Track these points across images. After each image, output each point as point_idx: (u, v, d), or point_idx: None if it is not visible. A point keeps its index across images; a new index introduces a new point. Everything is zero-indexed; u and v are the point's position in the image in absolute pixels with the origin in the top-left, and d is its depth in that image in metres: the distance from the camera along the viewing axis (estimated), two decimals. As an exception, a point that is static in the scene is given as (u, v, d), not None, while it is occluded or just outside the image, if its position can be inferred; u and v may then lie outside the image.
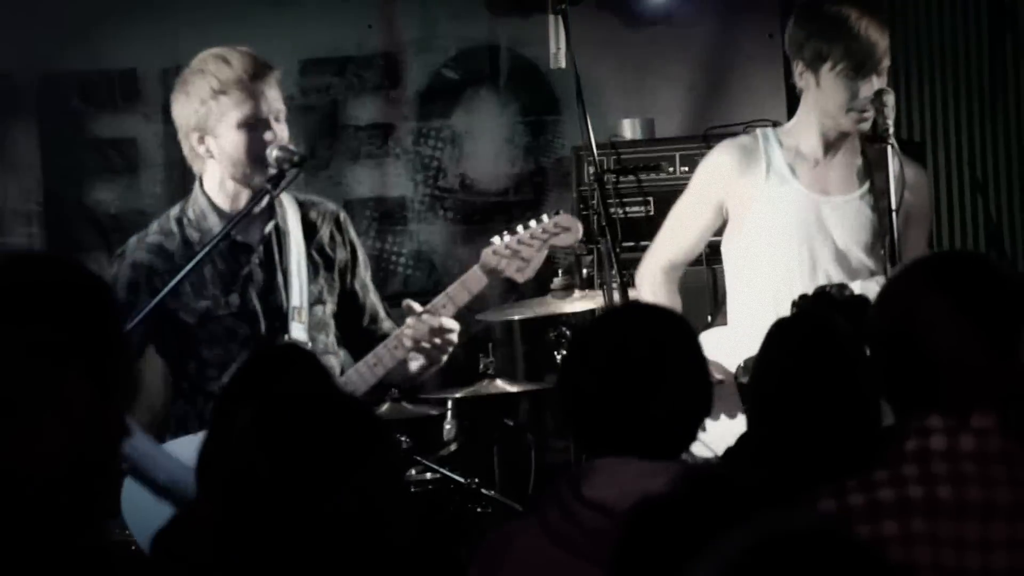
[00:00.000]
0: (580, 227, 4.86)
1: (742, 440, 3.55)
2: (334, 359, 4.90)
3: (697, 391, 3.17)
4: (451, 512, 5.06)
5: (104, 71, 6.85)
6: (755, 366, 3.49)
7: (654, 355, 3.12)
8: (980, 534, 2.88)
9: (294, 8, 6.77)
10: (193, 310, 4.81)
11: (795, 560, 1.73)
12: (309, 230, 4.89)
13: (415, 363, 4.88)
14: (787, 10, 6.51)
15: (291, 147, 4.80)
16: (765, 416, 3.39)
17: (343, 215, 4.99)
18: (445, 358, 4.82)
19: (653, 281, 5.07)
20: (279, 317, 4.82)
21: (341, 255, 4.94)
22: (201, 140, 4.81)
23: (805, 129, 4.95)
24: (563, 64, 5.50)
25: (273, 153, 4.77)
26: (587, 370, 3.15)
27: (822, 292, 3.97)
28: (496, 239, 4.78)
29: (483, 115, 6.81)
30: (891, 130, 4.77)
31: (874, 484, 2.92)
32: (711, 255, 5.39)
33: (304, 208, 4.92)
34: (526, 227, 4.80)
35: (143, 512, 4.58)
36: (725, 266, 5.04)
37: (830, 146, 4.93)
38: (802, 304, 3.94)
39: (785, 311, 4.23)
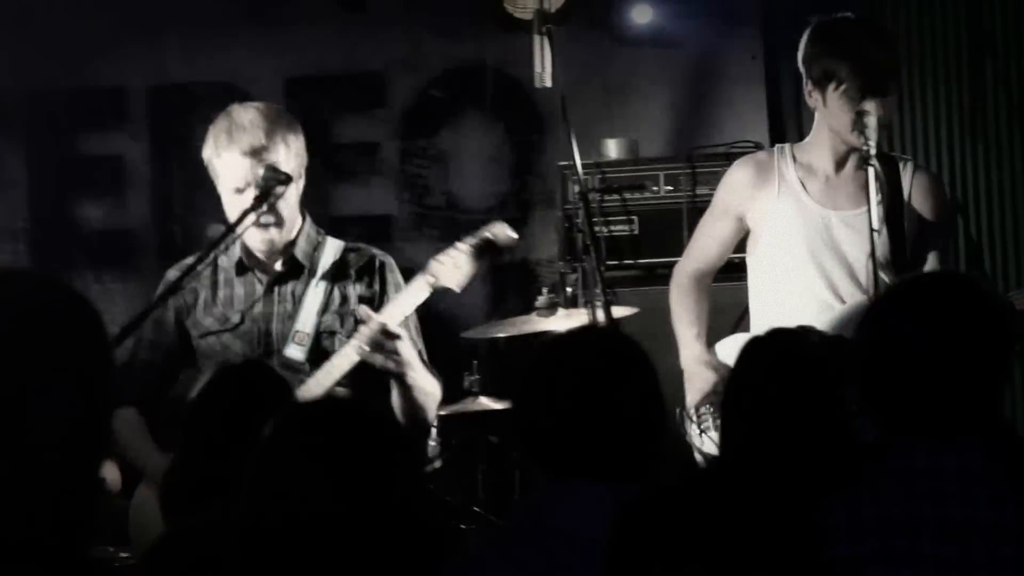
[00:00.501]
0: (507, 230, 4.86)
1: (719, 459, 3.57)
2: (340, 391, 4.93)
3: (652, 415, 3.20)
4: (435, 529, 5.06)
5: (91, 89, 6.86)
6: (728, 384, 3.52)
7: (612, 380, 3.14)
8: (961, 553, 2.91)
9: (280, 27, 6.79)
10: (200, 326, 4.89)
11: None
12: (341, 268, 4.96)
13: (394, 393, 4.89)
14: (769, 32, 6.58)
15: (277, 167, 4.87)
16: (738, 432, 3.41)
17: (382, 260, 5.02)
18: (406, 371, 4.80)
19: (680, 288, 5.13)
20: (279, 339, 4.88)
21: (364, 292, 4.98)
22: (217, 185, 4.95)
23: (818, 145, 5.00)
24: (548, 84, 5.52)
25: (260, 171, 4.84)
26: (546, 395, 3.16)
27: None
28: (449, 249, 4.84)
29: (468, 134, 6.84)
30: (873, 151, 4.80)
31: (857, 501, 2.95)
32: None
33: (346, 251, 4.99)
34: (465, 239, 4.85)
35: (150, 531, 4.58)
36: (748, 276, 5.09)
37: (841, 161, 4.97)
38: None
39: (801, 321, 4.26)
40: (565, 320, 5.39)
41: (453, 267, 4.78)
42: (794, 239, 4.95)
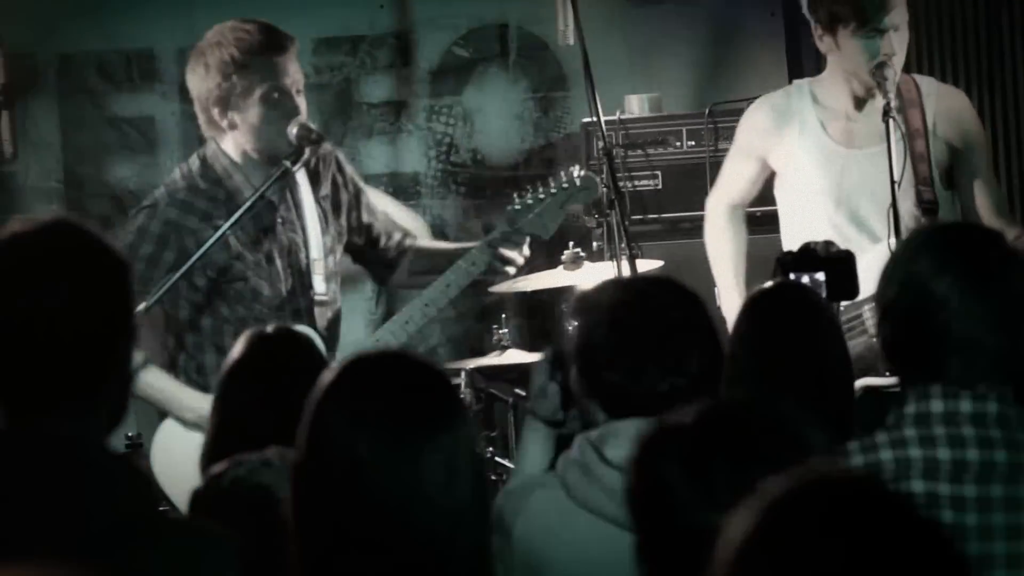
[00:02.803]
0: (599, 183, 4.90)
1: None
2: (334, 307, 4.96)
3: (716, 359, 3.27)
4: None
5: (121, 50, 6.92)
6: (732, 336, 3.58)
7: (683, 325, 3.18)
8: (979, 494, 2.95)
9: (307, -13, 6.85)
10: (217, 267, 4.84)
11: (834, 507, 1.77)
12: (313, 180, 4.91)
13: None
14: (788, -11, 6.60)
15: (311, 125, 4.82)
16: (740, 382, 3.46)
17: (339, 154, 5.01)
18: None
19: (715, 223, 5.16)
20: (301, 274, 4.87)
21: (345, 197, 4.97)
22: (223, 113, 4.82)
23: (835, 86, 4.96)
24: (571, 41, 5.55)
25: (293, 130, 4.79)
26: (612, 337, 3.19)
27: (806, 248, 4.05)
28: (516, 197, 4.83)
29: (493, 92, 6.89)
30: (892, 103, 4.81)
31: (875, 446, 3.00)
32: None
33: (299, 154, 4.93)
34: (544, 184, 4.84)
35: (176, 468, 4.62)
36: (779, 214, 5.10)
37: (861, 100, 4.95)
38: (785, 260, 4.02)
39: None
40: (591, 274, 5.46)
41: (538, 215, 4.77)
42: (820, 181, 4.94)
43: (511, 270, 4.85)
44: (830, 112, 4.98)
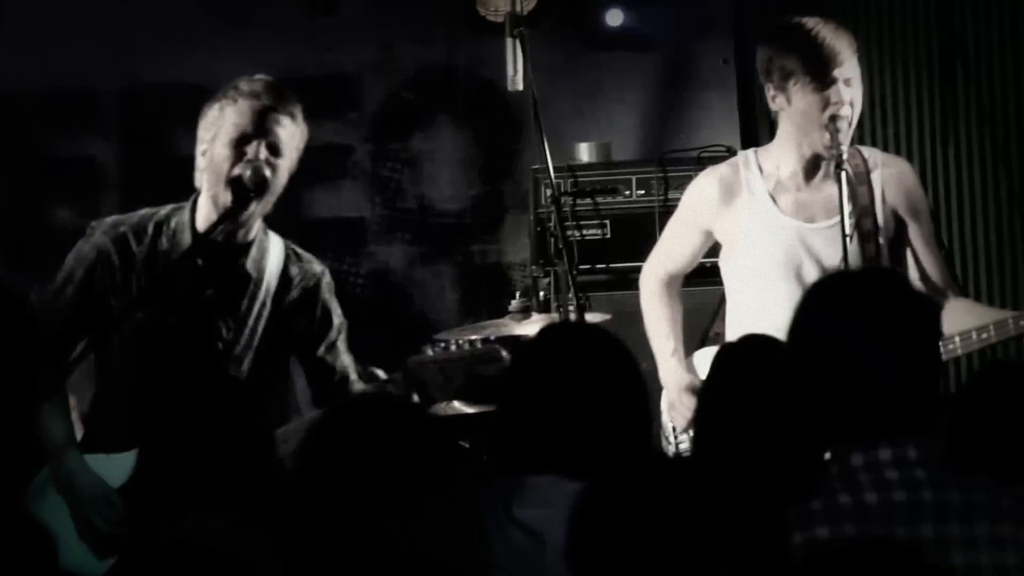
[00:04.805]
0: (507, 358, 4.73)
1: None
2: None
3: (633, 412, 3.21)
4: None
5: (61, 91, 6.85)
6: (700, 389, 3.55)
7: (589, 377, 3.16)
8: (910, 536, 2.90)
9: (252, 29, 6.79)
10: (135, 324, 4.66)
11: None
12: (283, 285, 4.76)
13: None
14: (741, 36, 6.60)
15: (264, 172, 4.66)
16: (709, 434, 3.43)
17: (325, 280, 4.84)
18: None
19: (652, 290, 5.12)
20: (210, 355, 4.69)
21: (303, 323, 4.80)
22: (204, 152, 4.71)
23: (785, 153, 4.90)
24: (520, 87, 5.52)
25: (247, 173, 4.65)
26: (521, 391, 3.20)
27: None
28: (427, 349, 4.69)
29: (441, 137, 6.86)
30: (845, 155, 4.77)
31: (806, 499, 2.95)
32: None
33: (288, 260, 4.79)
34: (458, 346, 4.70)
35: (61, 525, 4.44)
36: (724, 283, 5.05)
37: (810, 168, 4.89)
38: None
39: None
40: (538, 324, 5.40)
41: (441, 375, 4.64)
42: (771, 255, 4.89)
43: None
44: (779, 184, 4.93)
